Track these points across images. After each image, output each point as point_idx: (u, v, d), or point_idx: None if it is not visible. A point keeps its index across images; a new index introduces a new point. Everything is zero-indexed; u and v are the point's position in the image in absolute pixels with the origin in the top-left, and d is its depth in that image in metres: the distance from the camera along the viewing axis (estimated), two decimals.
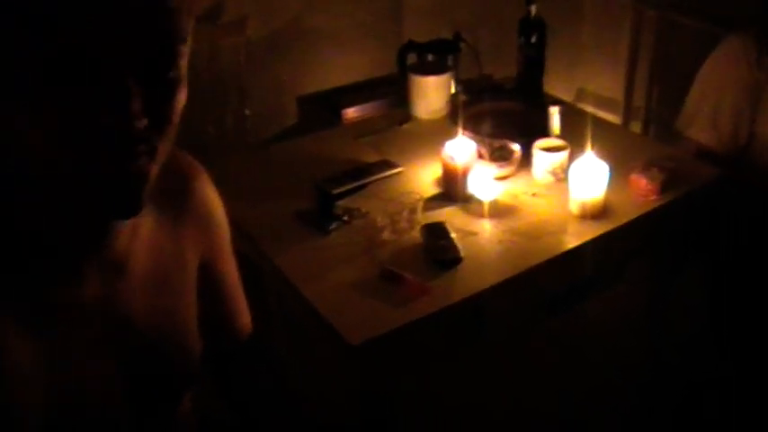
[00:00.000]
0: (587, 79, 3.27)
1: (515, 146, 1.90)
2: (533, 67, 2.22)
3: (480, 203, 1.75)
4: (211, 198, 1.00)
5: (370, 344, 1.38)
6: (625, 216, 1.73)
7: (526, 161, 1.88)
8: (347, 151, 2.03)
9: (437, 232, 1.63)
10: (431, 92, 2.19)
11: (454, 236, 1.62)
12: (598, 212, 1.71)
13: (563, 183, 1.80)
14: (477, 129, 1.97)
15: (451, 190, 1.79)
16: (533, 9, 2.14)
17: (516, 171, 1.89)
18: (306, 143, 2.15)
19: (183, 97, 0.70)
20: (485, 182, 1.77)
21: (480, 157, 1.84)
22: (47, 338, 0.75)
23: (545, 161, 1.84)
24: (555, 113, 1.98)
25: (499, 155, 1.88)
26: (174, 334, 0.92)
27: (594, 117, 2.21)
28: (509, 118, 2.12)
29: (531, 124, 2.03)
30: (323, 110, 2.77)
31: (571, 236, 1.68)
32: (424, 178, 1.89)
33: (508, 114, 2.14)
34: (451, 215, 1.73)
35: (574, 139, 1.86)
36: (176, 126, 0.71)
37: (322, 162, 1.95)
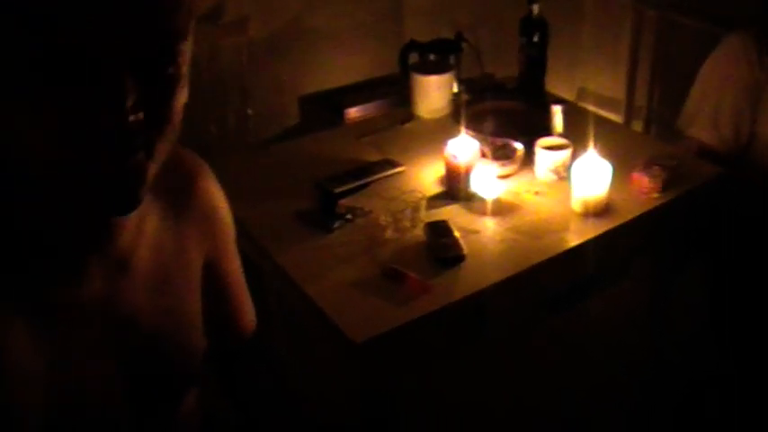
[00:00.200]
0: (588, 79, 3.28)
1: (518, 144, 1.90)
2: (535, 66, 2.23)
3: (483, 202, 1.76)
4: (216, 196, 1.00)
5: (372, 342, 1.38)
6: (627, 214, 1.73)
7: (528, 160, 1.89)
8: (349, 151, 2.03)
9: (440, 230, 1.63)
10: (433, 91, 2.20)
11: (457, 234, 1.62)
12: (600, 211, 1.72)
13: (565, 181, 1.80)
14: (479, 128, 1.98)
15: (454, 188, 1.80)
16: (535, 8, 2.14)
17: (519, 169, 1.89)
18: (307, 143, 2.15)
19: (183, 96, 0.70)
20: (487, 180, 1.78)
21: (483, 155, 1.84)
22: (47, 338, 0.75)
23: (547, 159, 1.84)
24: (557, 112, 1.99)
25: (501, 153, 1.89)
26: (176, 334, 0.91)
27: (596, 116, 2.22)
28: (511, 117, 2.12)
29: (533, 123, 2.04)
30: (324, 110, 2.78)
31: (573, 234, 1.68)
32: (426, 177, 1.89)
33: (510, 113, 2.15)
34: (454, 213, 1.74)
35: (576, 137, 1.86)
36: (177, 126, 0.70)
37: (324, 162, 1.95)
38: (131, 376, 0.85)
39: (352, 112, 2.68)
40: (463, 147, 1.79)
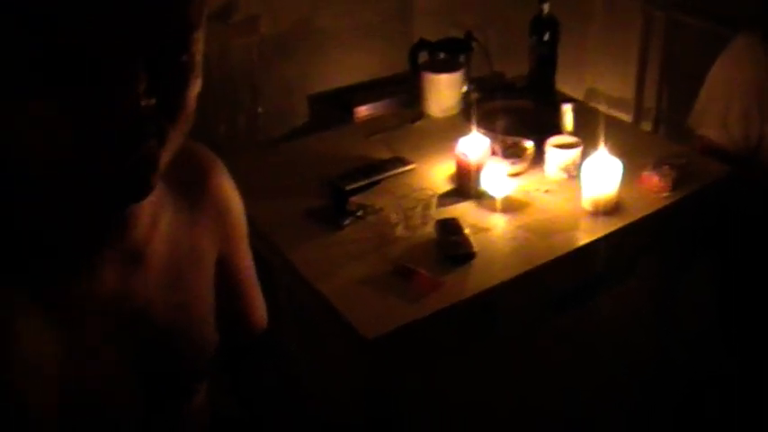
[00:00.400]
0: (597, 79, 3.27)
1: (528, 143, 1.90)
2: (545, 65, 2.23)
3: (493, 200, 1.76)
4: (229, 192, 1.00)
5: (382, 338, 1.39)
6: (637, 213, 1.73)
7: (539, 158, 1.89)
8: (359, 149, 2.03)
9: (450, 228, 1.64)
10: (443, 89, 2.20)
11: (467, 232, 1.62)
12: (610, 209, 1.72)
13: (575, 180, 1.80)
14: (490, 126, 1.98)
15: (464, 186, 1.80)
16: (546, 7, 2.15)
17: (529, 168, 1.89)
18: (317, 141, 2.16)
19: (196, 86, 0.70)
20: (498, 178, 1.78)
21: (493, 153, 1.84)
22: (61, 331, 0.75)
23: (558, 158, 1.84)
24: (568, 111, 1.99)
25: (512, 152, 1.89)
26: (188, 329, 0.91)
27: (606, 115, 2.21)
28: (522, 115, 2.13)
29: (543, 122, 2.04)
30: (334, 108, 2.78)
31: (583, 232, 1.68)
32: (436, 175, 1.89)
33: (521, 112, 2.15)
34: (464, 211, 1.74)
35: (586, 136, 1.86)
36: (190, 116, 0.70)
37: (334, 160, 1.96)
38: (142, 371, 0.85)
39: (362, 110, 2.68)
40: (474, 145, 1.80)
